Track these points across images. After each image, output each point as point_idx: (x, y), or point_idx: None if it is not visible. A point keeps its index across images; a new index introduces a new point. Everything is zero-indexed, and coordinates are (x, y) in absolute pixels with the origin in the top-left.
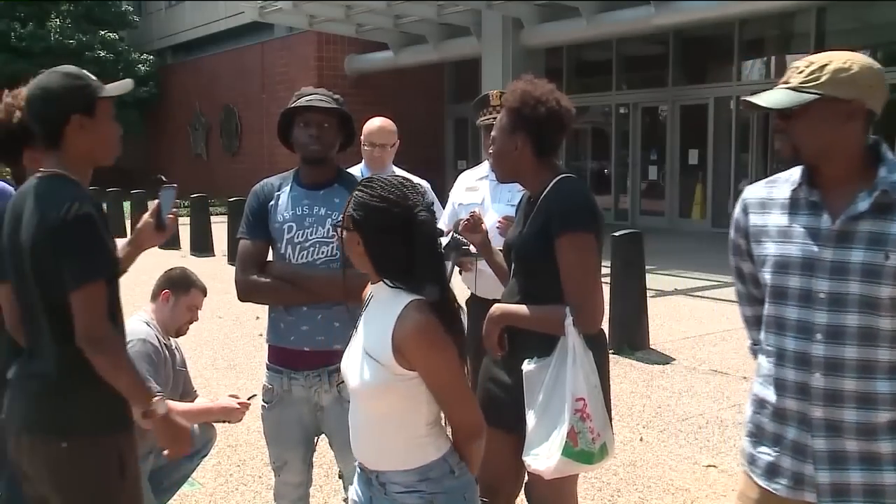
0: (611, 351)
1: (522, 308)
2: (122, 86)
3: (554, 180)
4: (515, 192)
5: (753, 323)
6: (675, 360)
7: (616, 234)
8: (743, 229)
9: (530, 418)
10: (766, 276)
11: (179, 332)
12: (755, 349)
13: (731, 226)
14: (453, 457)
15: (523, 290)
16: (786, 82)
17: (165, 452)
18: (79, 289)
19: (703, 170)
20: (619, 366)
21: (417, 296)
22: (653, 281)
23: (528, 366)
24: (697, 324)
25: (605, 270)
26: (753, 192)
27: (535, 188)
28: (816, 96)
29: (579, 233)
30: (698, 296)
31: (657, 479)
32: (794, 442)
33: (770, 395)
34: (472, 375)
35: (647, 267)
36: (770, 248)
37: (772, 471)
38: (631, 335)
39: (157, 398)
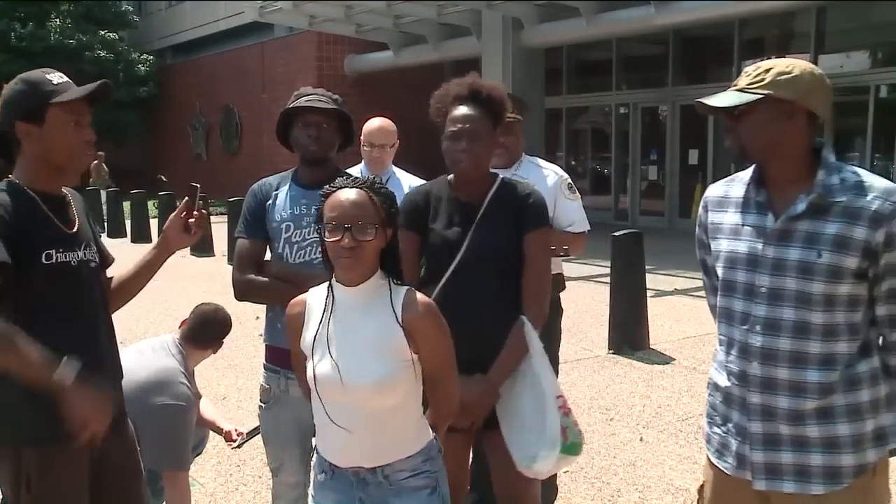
0: (611, 351)
1: (500, 362)
2: (81, 90)
3: (499, 179)
4: None
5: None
6: (675, 360)
7: (616, 234)
8: (703, 225)
9: (510, 428)
10: (719, 270)
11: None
12: None
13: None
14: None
15: (493, 292)
16: (735, 85)
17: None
18: None
19: (703, 170)
20: (619, 366)
21: (406, 287)
22: (653, 281)
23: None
24: (697, 324)
25: (604, 270)
26: (713, 190)
27: (485, 187)
28: (760, 96)
29: (548, 227)
30: (698, 296)
31: (657, 479)
32: (737, 425)
33: (721, 380)
34: None
35: (647, 267)
36: (723, 245)
37: (721, 450)
38: (631, 335)
39: (58, 371)
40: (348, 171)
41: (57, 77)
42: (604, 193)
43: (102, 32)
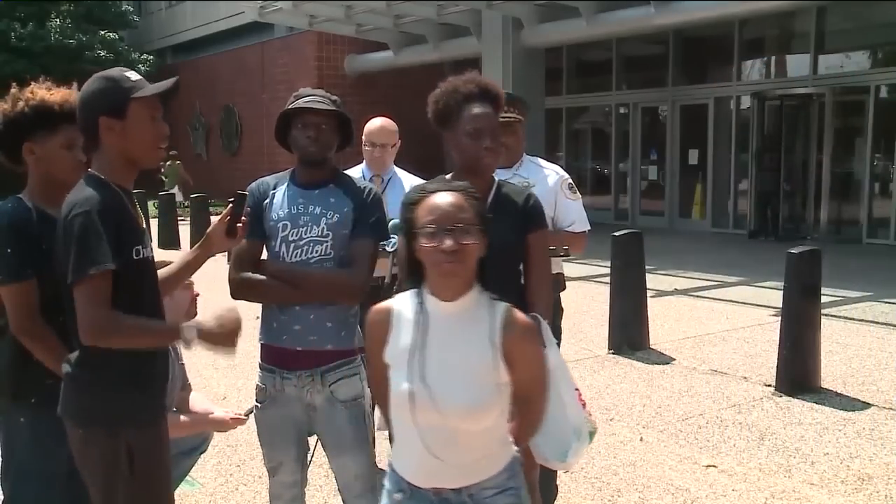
0: (611, 351)
1: None
2: (159, 86)
3: (497, 179)
4: None
5: None
6: (675, 360)
7: (616, 234)
8: None
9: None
10: None
11: (189, 315)
12: None
13: None
14: None
15: (498, 291)
16: None
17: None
18: (77, 283)
19: (703, 170)
20: (619, 366)
21: (505, 304)
22: (653, 281)
23: None
24: (697, 324)
25: (604, 270)
26: None
27: (486, 186)
28: None
29: (546, 228)
30: (698, 296)
31: (657, 479)
32: None
33: None
34: None
35: (647, 267)
36: None
37: None
38: (631, 335)
39: (181, 332)
40: (349, 171)
41: (134, 75)
42: (604, 193)
43: (102, 32)
